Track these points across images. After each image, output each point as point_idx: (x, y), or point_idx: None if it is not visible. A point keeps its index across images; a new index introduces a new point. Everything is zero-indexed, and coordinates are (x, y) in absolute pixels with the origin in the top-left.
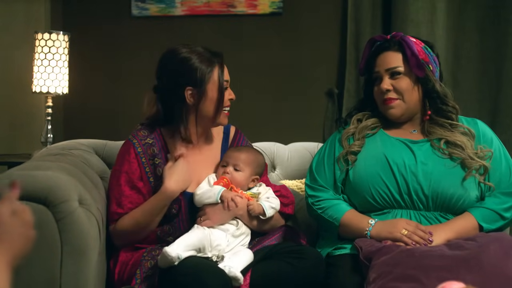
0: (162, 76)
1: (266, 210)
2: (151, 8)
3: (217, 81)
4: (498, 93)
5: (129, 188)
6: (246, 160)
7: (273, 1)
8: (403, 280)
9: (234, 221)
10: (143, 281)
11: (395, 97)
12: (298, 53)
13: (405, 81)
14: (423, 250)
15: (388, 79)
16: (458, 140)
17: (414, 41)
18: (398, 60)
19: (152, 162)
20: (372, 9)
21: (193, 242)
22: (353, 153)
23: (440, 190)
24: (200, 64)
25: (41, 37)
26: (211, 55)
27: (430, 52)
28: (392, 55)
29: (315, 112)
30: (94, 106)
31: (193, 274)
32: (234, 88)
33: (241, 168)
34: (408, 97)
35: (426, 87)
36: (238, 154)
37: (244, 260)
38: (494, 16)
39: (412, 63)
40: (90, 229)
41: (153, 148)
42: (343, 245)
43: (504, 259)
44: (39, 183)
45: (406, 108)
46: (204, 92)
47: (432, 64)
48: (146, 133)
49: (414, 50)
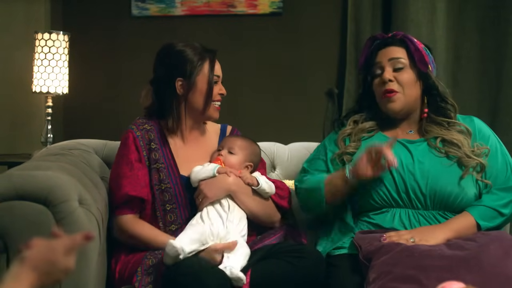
0: (157, 68)
1: (258, 179)
2: (151, 8)
3: (207, 74)
4: (498, 93)
5: (129, 169)
6: (241, 145)
7: (273, 1)
8: (402, 281)
9: (226, 202)
10: (143, 279)
11: (396, 89)
12: (298, 53)
13: (408, 74)
14: (423, 250)
15: (391, 71)
16: (454, 138)
17: (415, 41)
18: (401, 53)
19: (149, 147)
20: (372, 9)
21: (195, 235)
22: (348, 154)
23: (437, 188)
24: (192, 56)
25: (41, 37)
26: (204, 50)
27: (429, 54)
28: (395, 48)
29: (315, 112)
30: (94, 106)
31: (193, 274)
32: (234, 87)
33: (235, 152)
34: (409, 91)
35: (427, 82)
36: (234, 140)
37: (243, 258)
38: (494, 16)
39: (417, 57)
40: (90, 229)
41: (151, 133)
42: (342, 245)
43: (504, 259)
44: (39, 183)
45: (406, 103)
46: (194, 84)
47: (431, 65)
48: (144, 121)
49: (418, 46)
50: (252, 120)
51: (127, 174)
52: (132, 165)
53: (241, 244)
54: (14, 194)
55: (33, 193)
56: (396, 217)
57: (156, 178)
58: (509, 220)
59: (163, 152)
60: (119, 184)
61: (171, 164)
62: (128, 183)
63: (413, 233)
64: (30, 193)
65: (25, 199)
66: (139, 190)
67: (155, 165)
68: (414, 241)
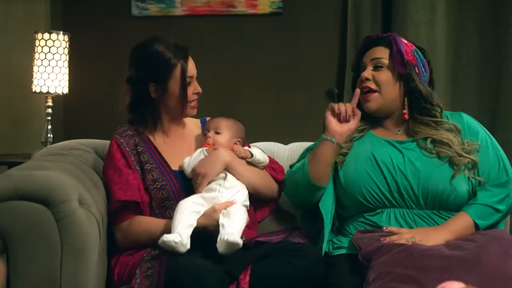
0: (132, 69)
1: (251, 151)
2: (151, 8)
3: (179, 78)
4: (498, 93)
5: (118, 176)
6: (226, 124)
7: (273, 1)
8: (402, 281)
9: (223, 174)
10: (142, 281)
11: (373, 87)
12: (298, 53)
13: (386, 74)
14: (422, 250)
15: (371, 70)
16: (444, 137)
17: (406, 42)
18: (384, 53)
19: (136, 151)
20: (372, 9)
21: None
22: (341, 155)
23: (429, 187)
24: (164, 60)
25: (41, 37)
26: (177, 49)
27: (420, 56)
28: (380, 49)
29: (315, 112)
30: (94, 106)
31: (190, 274)
32: (234, 87)
33: (221, 131)
34: (386, 91)
35: (408, 85)
36: (218, 120)
37: (240, 222)
38: (494, 16)
39: (396, 60)
40: (90, 229)
41: (135, 138)
42: (341, 245)
43: (504, 259)
44: (39, 183)
45: (383, 103)
46: (166, 88)
47: (419, 67)
48: (125, 128)
49: (401, 49)
50: (252, 120)
51: (116, 180)
52: (121, 171)
53: (237, 209)
54: (14, 194)
55: (33, 193)
56: (392, 217)
57: (150, 178)
58: (506, 215)
59: (151, 153)
60: (110, 191)
61: (162, 163)
62: (119, 189)
63: (413, 233)
64: (30, 193)
65: (25, 199)
66: (130, 194)
67: (146, 167)
68: (414, 240)
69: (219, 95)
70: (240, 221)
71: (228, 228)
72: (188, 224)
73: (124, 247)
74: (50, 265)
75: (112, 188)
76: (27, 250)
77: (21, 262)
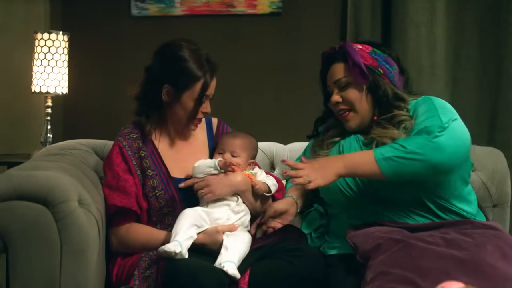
0: (153, 62)
1: (270, 187)
2: (150, 8)
3: (197, 92)
4: (498, 93)
5: (116, 182)
6: (242, 146)
7: (273, 1)
8: (400, 282)
9: (235, 197)
10: (141, 282)
11: (346, 108)
12: (298, 53)
13: (353, 92)
14: (421, 248)
15: (337, 92)
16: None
17: (360, 47)
18: (342, 71)
19: (139, 155)
20: (372, 9)
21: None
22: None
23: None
24: (188, 69)
25: (41, 37)
26: (205, 63)
27: (379, 55)
28: (337, 67)
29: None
30: (94, 106)
31: (189, 274)
32: (234, 87)
33: (238, 154)
34: (359, 106)
35: (375, 94)
36: (233, 141)
37: (241, 252)
38: (494, 16)
39: (355, 73)
40: (90, 229)
41: (138, 141)
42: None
43: (501, 259)
44: (39, 183)
45: (361, 118)
46: (179, 97)
47: (382, 66)
48: (129, 130)
49: (356, 59)
50: (252, 120)
51: (114, 186)
52: (119, 177)
53: (242, 236)
54: (14, 194)
55: (32, 193)
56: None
57: (150, 185)
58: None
59: (153, 159)
60: (108, 196)
61: (162, 170)
62: (116, 195)
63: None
64: (30, 193)
65: (25, 199)
66: (126, 201)
67: (147, 172)
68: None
69: (219, 95)
70: (242, 250)
71: (229, 255)
72: (188, 236)
73: (119, 251)
74: (49, 265)
75: (109, 193)
76: (27, 250)
77: (21, 262)
